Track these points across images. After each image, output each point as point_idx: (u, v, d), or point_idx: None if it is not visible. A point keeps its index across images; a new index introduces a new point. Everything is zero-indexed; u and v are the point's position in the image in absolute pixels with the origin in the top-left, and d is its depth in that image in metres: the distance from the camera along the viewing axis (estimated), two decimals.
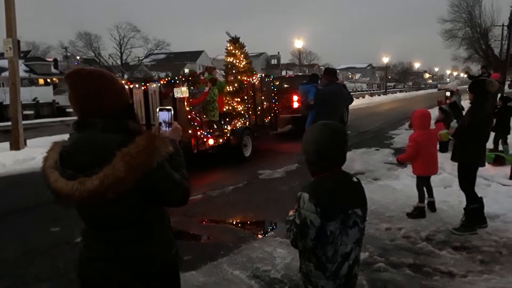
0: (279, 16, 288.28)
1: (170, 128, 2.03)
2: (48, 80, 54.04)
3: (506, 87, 38.16)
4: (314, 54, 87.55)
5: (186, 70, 65.41)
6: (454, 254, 4.51)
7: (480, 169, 7.28)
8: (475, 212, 5.13)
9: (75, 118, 1.90)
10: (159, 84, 9.20)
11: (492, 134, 9.11)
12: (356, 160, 9.57)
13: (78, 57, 59.99)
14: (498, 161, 8.22)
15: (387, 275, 4.07)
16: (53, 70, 57.13)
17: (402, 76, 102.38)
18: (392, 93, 53.50)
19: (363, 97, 37.18)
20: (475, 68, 48.21)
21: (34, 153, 11.08)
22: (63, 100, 40.78)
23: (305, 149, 2.25)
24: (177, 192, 1.84)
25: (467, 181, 5.18)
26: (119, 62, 53.71)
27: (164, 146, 1.75)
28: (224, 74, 11.82)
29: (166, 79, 9.62)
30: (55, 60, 60.64)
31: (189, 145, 8.74)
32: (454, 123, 5.52)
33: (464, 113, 8.31)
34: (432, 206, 5.86)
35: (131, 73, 52.32)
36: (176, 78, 9.62)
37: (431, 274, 4.07)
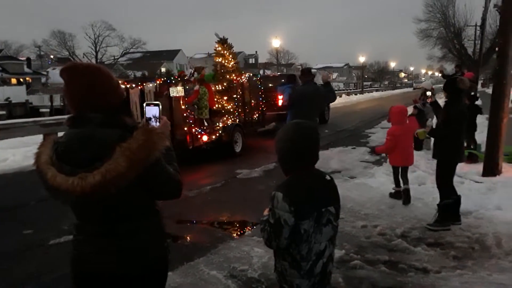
0: (256, 15, 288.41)
1: (159, 123, 2.03)
2: (21, 79, 52.86)
3: (479, 86, 38.98)
4: (292, 54, 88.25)
5: (163, 69, 64.88)
6: (428, 250, 4.59)
7: None
8: (448, 208, 5.23)
9: (48, 118, 1.87)
10: (155, 84, 9.69)
11: None
12: (333, 159, 9.64)
13: (51, 56, 58.94)
14: (471, 158, 8.38)
15: (363, 272, 4.10)
16: (26, 70, 55.91)
17: (378, 75, 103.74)
18: (368, 92, 54.08)
19: (340, 96, 37.44)
20: (450, 67, 49.13)
21: (6, 154, 10.82)
22: (36, 100, 40.01)
23: (277, 148, 2.26)
24: (172, 185, 1.90)
25: (446, 177, 5.30)
26: (94, 61, 52.88)
27: (161, 140, 1.78)
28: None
29: (162, 79, 10.03)
30: (28, 59, 59.39)
31: (184, 141, 9.34)
32: (430, 122, 5.73)
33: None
34: (407, 194, 6.21)
35: None
36: (172, 78, 10.07)
37: (406, 270, 4.13)
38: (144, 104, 2.03)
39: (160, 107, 2.04)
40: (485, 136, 7.59)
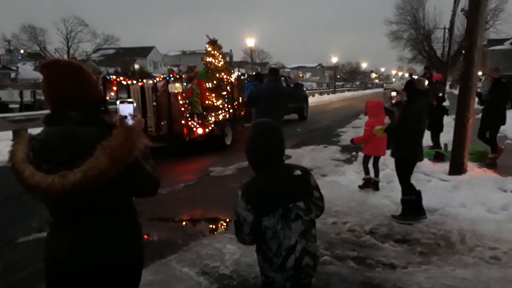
0: (231, 14, 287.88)
1: (133, 121, 2.03)
2: None
3: (447, 87, 39.92)
4: (266, 53, 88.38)
5: (136, 66, 64.04)
6: (395, 246, 4.72)
7: (421, 165, 7.66)
8: (410, 203, 5.44)
9: (18, 114, 1.86)
10: (154, 81, 10.91)
11: (429, 132, 9.60)
12: (305, 157, 9.76)
13: (22, 51, 57.38)
14: (438, 157, 8.62)
15: (332, 268, 4.20)
16: None
17: (350, 75, 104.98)
18: (340, 92, 54.65)
19: (313, 96, 37.69)
20: (419, 69, 50.15)
21: None
22: (5, 95, 38.85)
23: (244, 147, 2.32)
24: (150, 183, 1.93)
25: (403, 175, 5.50)
26: (65, 57, 51.67)
27: (141, 138, 1.79)
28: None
29: (162, 76, 11.05)
30: None
31: (182, 134, 10.33)
32: (387, 120, 6.07)
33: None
34: (376, 185, 6.83)
35: None
36: (171, 75, 10.99)
37: (373, 266, 4.24)
38: (118, 102, 2.02)
39: (135, 104, 2.05)
40: (451, 136, 7.81)
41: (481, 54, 7.64)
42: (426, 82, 5.68)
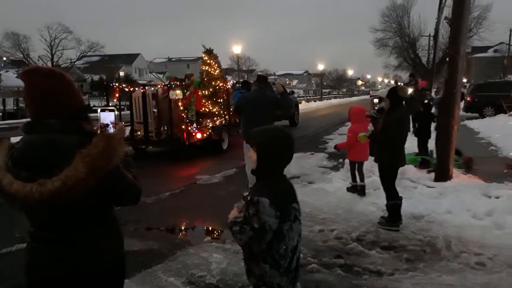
0: (217, 21, 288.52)
1: (115, 129, 2.01)
2: None
3: (432, 94, 40.38)
4: (253, 60, 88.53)
5: (122, 73, 63.67)
6: (382, 253, 4.73)
7: (407, 171, 7.72)
8: (395, 208, 5.48)
9: (0, 122, 1.83)
10: (156, 88, 11.72)
11: (416, 139, 9.72)
12: (292, 164, 9.61)
13: (4, 58, 56.61)
14: (424, 164, 8.68)
15: (319, 276, 4.19)
16: None
17: (336, 82, 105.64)
18: (327, 99, 54.96)
19: (300, 103, 37.86)
20: (405, 76, 50.75)
21: None
22: None
23: (262, 153, 2.28)
24: (131, 192, 1.92)
25: (387, 180, 5.58)
26: (49, 64, 51.19)
27: (121, 146, 1.77)
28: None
29: (162, 84, 11.95)
30: None
31: (182, 138, 10.84)
32: (370, 127, 6.19)
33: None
34: (362, 189, 6.92)
35: None
36: (172, 82, 11.55)
37: (360, 273, 4.24)
38: (99, 110, 2.00)
39: (116, 112, 2.04)
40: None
41: (464, 62, 7.75)
42: (410, 90, 5.76)
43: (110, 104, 12.16)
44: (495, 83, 24.28)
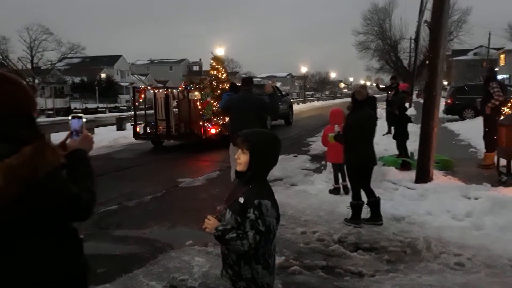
0: (200, 24, 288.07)
1: (78, 137, 1.93)
2: None
3: (414, 96, 40.94)
4: (236, 62, 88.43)
5: (103, 75, 63.00)
6: (363, 255, 4.76)
7: (388, 173, 7.80)
8: (357, 207, 5.66)
9: None
10: (179, 89, 13.45)
11: (394, 141, 9.87)
12: (275, 167, 9.71)
13: None
14: (405, 166, 8.77)
15: (301, 278, 4.20)
16: None
17: (319, 85, 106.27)
18: (310, 102, 55.21)
19: None
20: (387, 78, 51.31)
21: None
22: None
23: (257, 155, 2.29)
24: (75, 205, 1.73)
25: (353, 180, 5.85)
26: (29, 66, 50.28)
27: (54, 157, 1.65)
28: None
29: (183, 86, 13.58)
30: None
31: (199, 133, 12.60)
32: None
33: None
34: (345, 188, 7.02)
35: (42, 78, 49.20)
36: (191, 85, 13.25)
37: (342, 275, 4.26)
38: (70, 117, 1.93)
39: (84, 120, 1.96)
40: (417, 145, 7.98)
41: (444, 64, 7.87)
42: (367, 93, 6.08)
43: (137, 105, 14.79)
44: (475, 86, 24.72)
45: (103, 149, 13.39)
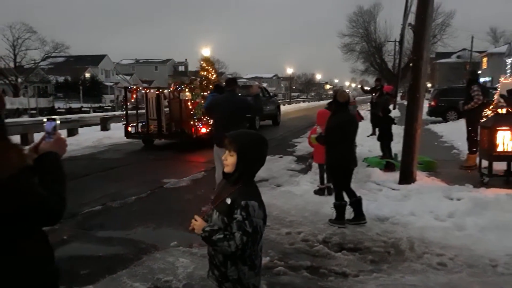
0: (186, 24, 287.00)
1: (51, 139, 1.89)
2: None
3: (398, 98, 41.31)
4: (222, 63, 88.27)
5: (87, 75, 62.33)
6: (347, 255, 4.79)
7: (372, 174, 7.87)
8: (341, 207, 5.72)
9: None
10: (170, 89, 13.66)
11: (378, 143, 9.96)
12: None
13: None
14: (389, 167, 8.85)
15: (286, 278, 4.21)
16: None
17: (305, 86, 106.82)
18: (296, 103, 55.43)
19: None
20: (372, 80, 51.79)
21: None
22: None
23: (245, 156, 2.28)
24: (41, 209, 1.66)
25: (335, 180, 5.97)
26: (12, 64, 49.57)
27: (19, 158, 1.61)
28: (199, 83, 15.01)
29: (174, 86, 13.73)
30: None
31: (190, 132, 12.86)
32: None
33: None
34: (330, 189, 6.97)
35: (26, 77, 48.54)
36: (182, 85, 13.57)
37: (326, 275, 4.29)
38: (45, 119, 1.90)
39: (57, 122, 1.92)
40: (401, 146, 8.05)
41: (428, 67, 7.97)
42: (349, 96, 6.15)
43: (128, 104, 14.39)
44: (459, 88, 25.06)
45: (87, 149, 13.30)
